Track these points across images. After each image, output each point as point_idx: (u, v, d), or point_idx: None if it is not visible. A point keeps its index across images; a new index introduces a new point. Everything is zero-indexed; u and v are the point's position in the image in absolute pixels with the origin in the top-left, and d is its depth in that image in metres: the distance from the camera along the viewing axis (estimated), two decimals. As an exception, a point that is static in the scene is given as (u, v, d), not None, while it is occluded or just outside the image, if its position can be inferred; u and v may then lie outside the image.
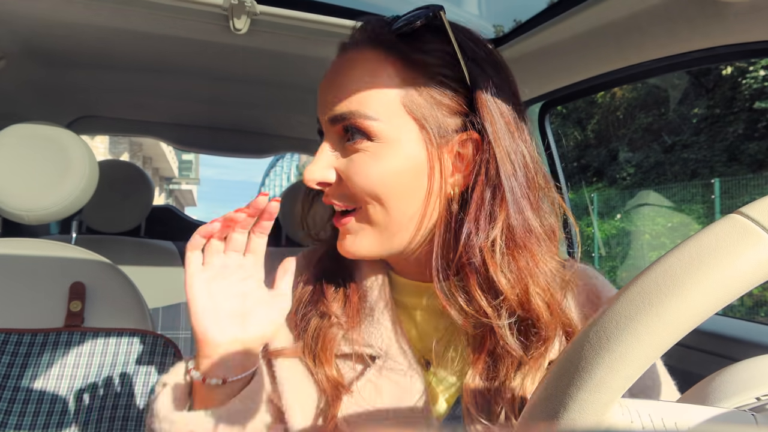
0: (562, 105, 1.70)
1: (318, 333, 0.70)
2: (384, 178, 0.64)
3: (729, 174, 8.89)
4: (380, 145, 0.64)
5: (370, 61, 0.66)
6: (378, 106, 0.64)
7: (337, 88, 0.67)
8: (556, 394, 0.39)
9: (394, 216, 0.66)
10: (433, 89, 0.65)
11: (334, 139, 0.68)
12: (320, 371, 0.68)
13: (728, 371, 0.58)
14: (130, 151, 14.49)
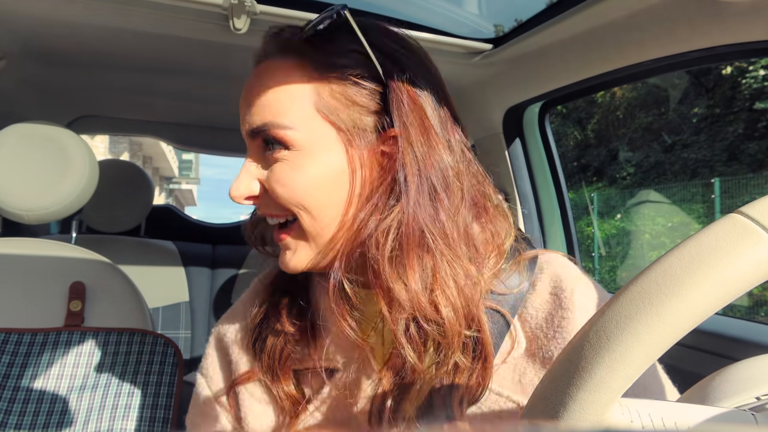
0: (562, 104, 1.70)
1: (274, 351, 0.70)
2: (306, 186, 0.63)
3: (729, 173, 8.89)
4: (299, 153, 0.63)
5: (280, 70, 0.65)
6: (292, 114, 0.63)
7: (252, 102, 0.67)
8: (555, 394, 0.39)
9: (324, 223, 0.64)
10: (348, 90, 0.63)
11: (255, 152, 0.68)
12: (278, 388, 0.68)
13: (728, 371, 0.58)
14: (130, 150, 14.48)
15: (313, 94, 0.63)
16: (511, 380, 0.64)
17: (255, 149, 0.68)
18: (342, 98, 0.63)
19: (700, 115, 10.32)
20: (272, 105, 0.64)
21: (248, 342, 0.74)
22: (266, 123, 0.64)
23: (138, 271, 1.94)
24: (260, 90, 0.66)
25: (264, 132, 0.64)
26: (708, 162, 9.69)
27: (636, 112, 11.53)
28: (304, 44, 0.66)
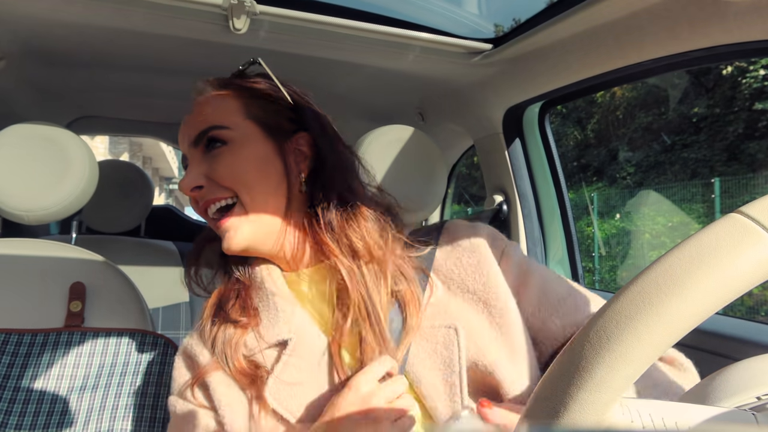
0: (562, 104, 1.70)
1: (225, 340, 0.82)
2: (243, 165, 0.82)
3: (729, 173, 8.89)
4: (235, 145, 0.83)
5: (216, 96, 0.88)
6: (228, 120, 0.84)
7: (196, 117, 0.86)
8: (556, 394, 0.39)
9: (261, 198, 0.82)
10: (265, 105, 0.87)
11: (197, 157, 0.85)
12: (235, 371, 0.79)
13: (728, 371, 0.58)
14: (130, 151, 14.48)
15: (242, 107, 0.86)
16: (440, 314, 0.82)
17: (197, 155, 0.85)
18: (262, 108, 0.87)
19: (700, 114, 10.32)
20: (213, 115, 0.85)
21: (205, 343, 0.85)
22: (209, 126, 0.84)
23: (138, 271, 1.94)
24: (202, 109, 0.87)
25: (207, 133, 0.84)
26: (708, 162, 9.69)
27: (636, 111, 11.53)
28: (233, 79, 0.91)
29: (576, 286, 0.89)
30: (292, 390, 0.76)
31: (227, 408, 0.78)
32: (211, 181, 0.83)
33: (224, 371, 0.81)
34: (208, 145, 0.84)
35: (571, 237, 1.73)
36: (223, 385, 0.80)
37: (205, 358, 0.84)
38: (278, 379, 0.77)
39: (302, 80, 1.70)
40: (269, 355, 0.80)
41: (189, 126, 0.87)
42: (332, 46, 1.35)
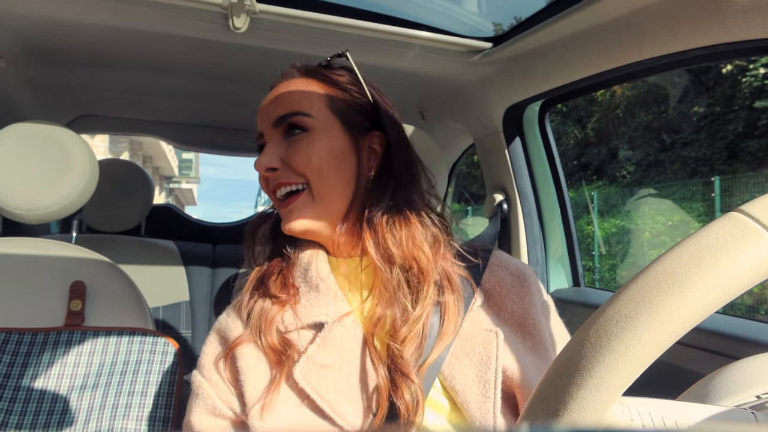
0: (562, 103, 1.70)
1: (261, 313, 0.83)
2: (320, 155, 0.84)
3: (729, 172, 8.89)
4: (315, 134, 0.85)
5: (300, 82, 0.90)
6: (310, 107, 0.86)
7: (279, 100, 0.88)
8: (556, 393, 0.39)
9: (330, 187, 0.85)
10: (347, 98, 0.90)
11: (276, 139, 0.88)
12: (266, 345, 0.80)
13: (728, 369, 0.58)
14: (130, 150, 14.48)
15: (324, 96, 0.88)
16: (480, 321, 0.84)
17: (276, 136, 0.88)
18: (344, 103, 0.89)
19: (700, 113, 10.32)
20: (297, 100, 0.87)
21: (240, 314, 0.87)
22: (293, 111, 0.86)
23: (138, 270, 1.94)
24: (287, 92, 0.88)
25: (290, 117, 0.86)
26: (708, 160, 9.69)
27: (636, 110, 11.53)
28: (320, 69, 0.92)
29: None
30: (322, 372, 0.77)
31: (251, 377, 0.79)
32: (287, 165, 0.85)
33: (256, 344, 0.82)
34: (288, 129, 0.86)
35: (571, 236, 1.73)
36: (253, 358, 0.81)
37: (237, 331, 0.85)
38: (310, 359, 0.78)
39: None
40: (304, 335, 0.82)
41: (271, 107, 0.89)
42: (332, 44, 1.35)
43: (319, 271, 0.86)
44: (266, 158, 0.86)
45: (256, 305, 0.85)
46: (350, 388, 0.77)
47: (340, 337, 0.80)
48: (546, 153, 1.71)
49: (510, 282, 0.90)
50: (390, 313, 0.81)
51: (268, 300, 0.84)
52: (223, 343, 0.87)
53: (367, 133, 0.89)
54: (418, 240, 0.84)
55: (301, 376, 0.76)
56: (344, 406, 0.75)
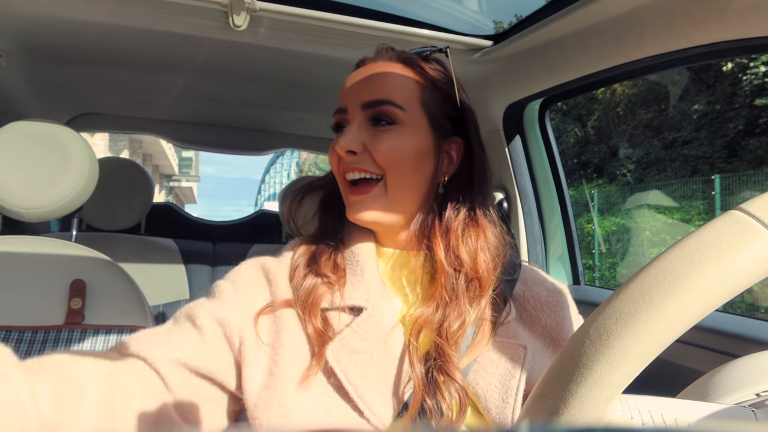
0: (562, 101, 1.70)
1: (310, 290, 0.82)
2: (403, 150, 0.82)
3: (729, 170, 8.89)
4: (403, 128, 0.83)
5: (398, 69, 0.86)
6: (403, 99, 0.83)
7: (374, 82, 0.85)
8: (556, 391, 0.39)
9: (404, 185, 0.84)
10: (438, 97, 0.87)
11: (362, 121, 0.84)
12: (308, 322, 0.79)
13: (728, 367, 0.58)
14: (130, 148, 14.48)
15: (418, 91, 0.85)
16: (510, 334, 0.85)
17: (362, 118, 0.84)
18: (435, 101, 0.86)
19: (701, 111, 10.31)
20: (392, 88, 0.84)
21: (290, 277, 0.86)
22: (386, 99, 0.83)
23: (138, 268, 1.94)
24: (382, 76, 0.85)
25: (381, 105, 0.83)
26: (708, 158, 9.68)
27: (636, 108, 11.53)
28: (419, 61, 0.88)
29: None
30: (353, 356, 0.77)
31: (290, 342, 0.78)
32: (368, 153, 0.83)
33: (298, 316, 0.81)
34: (376, 115, 0.83)
35: (571, 234, 1.73)
36: (296, 325, 0.80)
37: (284, 288, 0.84)
38: (344, 340, 0.78)
39: (302, 77, 1.70)
40: (343, 317, 0.81)
41: (365, 87, 0.85)
42: (332, 43, 1.35)
43: (366, 258, 0.86)
44: (349, 140, 0.82)
45: (306, 281, 0.84)
46: (379, 378, 0.77)
47: (376, 325, 0.80)
48: (546, 151, 1.71)
49: (545, 297, 0.90)
50: (442, 315, 0.81)
51: (318, 278, 0.84)
52: (266, 280, 0.86)
53: (448, 137, 0.88)
54: (486, 251, 0.85)
55: (332, 355, 0.76)
56: (370, 393, 0.75)
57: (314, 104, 2.01)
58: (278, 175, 45.47)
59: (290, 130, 2.45)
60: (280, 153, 27.56)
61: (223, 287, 0.83)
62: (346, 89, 0.87)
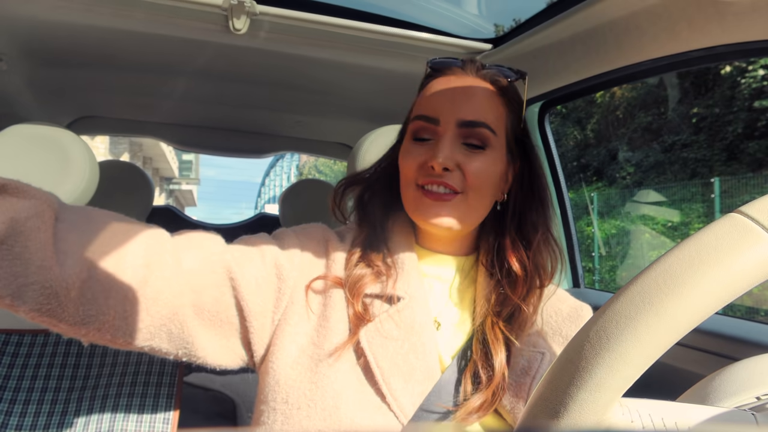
0: (561, 104, 1.70)
1: (360, 276, 0.86)
2: (489, 176, 0.85)
3: (728, 173, 8.89)
4: (492, 152, 0.85)
5: (491, 92, 0.87)
6: (495, 123, 0.86)
7: (475, 101, 0.85)
8: (556, 394, 0.39)
9: (480, 203, 0.87)
10: (516, 121, 0.90)
11: (454, 137, 0.84)
12: (351, 304, 0.83)
13: (728, 371, 0.58)
14: (130, 151, 14.48)
15: (505, 116, 0.88)
16: (531, 342, 0.88)
17: (456, 135, 0.85)
18: (512, 129, 0.90)
19: (700, 114, 10.32)
20: (488, 110, 0.86)
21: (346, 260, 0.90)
22: (484, 122, 0.84)
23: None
24: (481, 95, 0.86)
25: (478, 127, 0.84)
26: (707, 161, 9.69)
27: (635, 111, 11.53)
28: (508, 87, 0.90)
29: None
30: (386, 341, 0.81)
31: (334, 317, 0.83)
32: (458, 171, 0.84)
33: (345, 297, 0.85)
34: (469, 135, 0.84)
35: (571, 237, 1.73)
36: (341, 302, 0.85)
37: (338, 268, 0.88)
38: (378, 325, 0.82)
39: (302, 80, 1.70)
40: (382, 305, 0.85)
41: (463, 104, 0.85)
42: (332, 46, 1.35)
43: (408, 255, 0.90)
44: (448, 157, 0.83)
45: (358, 268, 0.87)
46: (407, 365, 0.80)
47: (411, 315, 0.84)
48: (546, 154, 1.71)
49: (567, 312, 0.94)
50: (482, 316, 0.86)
51: (369, 269, 0.87)
52: (325, 251, 0.91)
53: (516, 160, 0.91)
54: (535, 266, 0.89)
55: (365, 336, 0.80)
56: (395, 378, 0.78)
57: (314, 107, 2.01)
58: (278, 178, 45.47)
59: (290, 133, 2.45)
60: (280, 156, 27.52)
61: (290, 240, 0.89)
62: (440, 99, 0.87)
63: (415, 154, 0.86)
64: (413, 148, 0.86)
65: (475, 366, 0.83)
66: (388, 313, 0.83)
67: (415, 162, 0.85)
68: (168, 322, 0.76)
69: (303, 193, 2.35)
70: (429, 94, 0.88)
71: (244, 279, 0.81)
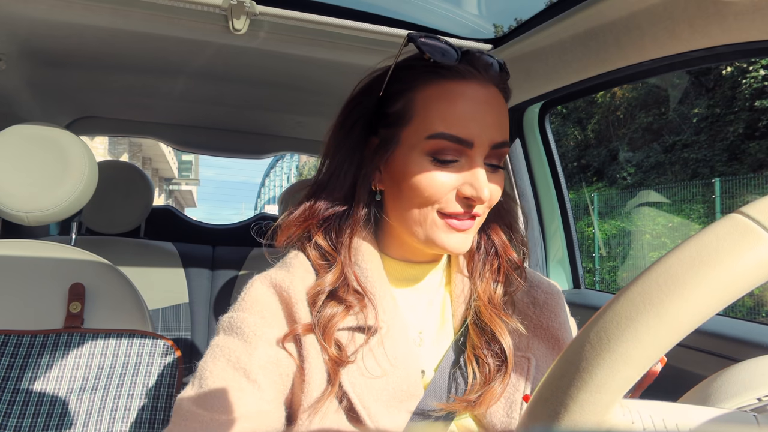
0: (562, 105, 1.70)
1: (330, 317, 0.78)
2: (500, 193, 0.82)
3: (729, 173, 8.90)
4: (505, 168, 0.83)
5: (503, 101, 0.82)
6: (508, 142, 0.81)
7: (501, 119, 0.79)
8: (556, 395, 0.39)
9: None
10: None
11: (481, 160, 0.77)
12: (326, 347, 0.76)
13: (729, 372, 0.58)
14: (130, 151, 14.49)
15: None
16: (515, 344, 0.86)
17: (483, 156, 0.77)
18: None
19: (701, 115, 10.32)
20: (507, 126, 0.80)
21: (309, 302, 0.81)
22: (507, 141, 0.79)
23: (138, 272, 1.94)
24: (502, 111, 0.80)
25: (504, 147, 0.79)
26: (708, 162, 9.70)
27: (636, 112, 11.54)
28: (508, 87, 0.86)
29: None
30: (370, 382, 0.76)
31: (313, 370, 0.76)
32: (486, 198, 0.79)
33: (318, 338, 0.78)
34: (497, 156, 0.79)
35: (571, 237, 1.73)
36: (315, 350, 0.77)
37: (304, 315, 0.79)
38: (360, 366, 0.77)
39: (301, 80, 1.70)
40: (357, 338, 0.79)
41: (495, 125, 0.78)
42: (332, 46, 1.35)
43: (377, 276, 0.83)
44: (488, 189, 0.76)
45: (326, 309, 0.79)
46: (391, 398, 0.77)
47: (393, 347, 0.79)
48: (546, 154, 1.70)
49: (543, 300, 0.91)
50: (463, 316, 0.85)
51: (338, 306, 0.79)
52: (286, 306, 0.81)
53: None
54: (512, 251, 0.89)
55: (347, 380, 0.75)
56: (381, 410, 0.75)
57: (314, 108, 2.01)
58: (278, 178, 45.52)
59: (290, 133, 2.45)
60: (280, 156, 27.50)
61: (250, 324, 0.78)
62: (472, 117, 0.76)
63: (442, 180, 0.76)
64: (436, 172, 0.76)
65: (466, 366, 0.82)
66: (369, 347, 0.78)
67: (443, 188, 0.76)
68: None
69: (302, 193, 2.34)
70: (453, 107, 0.76)
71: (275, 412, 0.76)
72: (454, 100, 0.76)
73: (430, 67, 0.78)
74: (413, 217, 0.79)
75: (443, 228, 0.78)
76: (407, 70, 0.81)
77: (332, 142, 0.86)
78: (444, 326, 0.87)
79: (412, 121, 0.78)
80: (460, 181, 0.76)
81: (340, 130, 0.86)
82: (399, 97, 0.81)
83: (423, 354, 0.83)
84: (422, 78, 0.79)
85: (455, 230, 0.78)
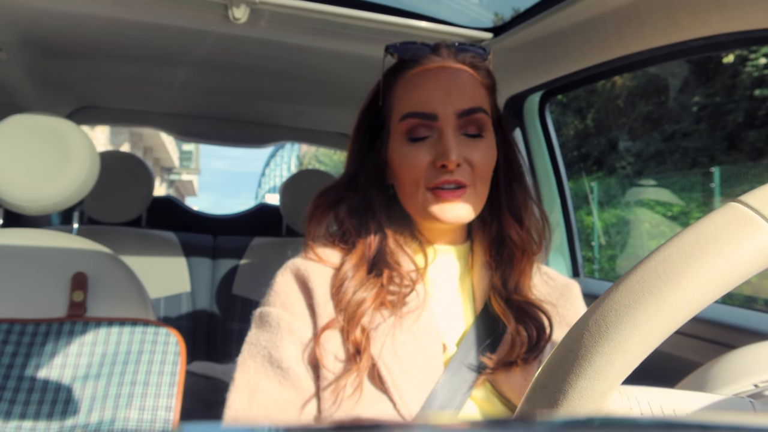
0: (562, 94, 1.70)
1: (355, 304, 0.81)
2: (491, 162, 0.85)
3: (729, 162, 8.87)
4: (488, 135, 0.85)
5: (474, 76, 0.87)
6: (487, 106, 0.86)
7: (465, 88, 0.84)
8: (555, 382, 0.39)
9: (485, 191, 0.86)
10: (495, 106, 0.91)
11: (455, 129, 0.82)
12: (351, 334, 0.79)
13: (726, 358, 0.58)
14: (131, 141, 14.46)
15: (490, 98, 0.89)
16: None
17: (455, 127, 0.82)
18: (494, 105, 0.91)
19: (700, 103, 10.28)
20: (480, 94, 0.85)
21: (332, 291, 0.84)
22: (480, 107, 0.83)
23: (139, 261, 1.95)
24: (469, 83, 0.85)
25: (477, 113, 0.83)
26: (708, 151, 9.67)
27: (636, 101, 11.49)
28: (482, 64, 0.89)
29: None
30: (394, 357, 0.79)
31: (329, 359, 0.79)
32: (468, 165, 0.83)
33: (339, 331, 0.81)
34: (469, 124, 0.83)
35: (570, 226, 1.73)
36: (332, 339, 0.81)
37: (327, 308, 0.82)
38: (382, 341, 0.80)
39: (302, 70, 1.70)
40: (385, 314, 0.82)
41: (457, 94, 0.82)
42: (332, 35, 1.34)
43: (408, 259, 0.87)
44: (457, 152, 0.80)
45: (356, 295, 0.82)
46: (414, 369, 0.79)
47: (415, 320, 0.82)
48: (546, 144, 1.70)
49: (559, 290, 0.95)
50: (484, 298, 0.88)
51: (369, 292, 0.82)
52: (307, 297, 0.84)
53: (498, 141, 0.90)
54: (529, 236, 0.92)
55: (373, 353, 0.78)
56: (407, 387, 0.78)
57: (315, 97, 2.01)
58: (278, 168, 45.39)
59: (291, 123, 2.45)
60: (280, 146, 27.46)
61: (279, 318, 0.82)
62: (431, 93, 0.83)
63: (417, 156, 0.82)
64: (411, 150, 0.82)
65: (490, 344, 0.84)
66: (393, 323, 0.81)
67: (419, 164, 0.82)
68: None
69: (303, 183, 2.35)
70: (415, 89, 0.84)
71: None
72: (419, 83, 0.84)
73: (404, 64, 0.89)
74: (412, 199, 0.85)
75: (434, 200, 0.82)
76: (390, 74, 0.91)
77: (348, 150, 0.96)
78: (466, 305, 0.90)
79: (392, 113, 0.87)
80: (433, 154, 0.82)
81: (354, 139, 0.95)
82: (385, 96, 0.89)
83: (445, 330, 0.86)
84: (397, 74, 0.88)
85: (444, 200, 0.82)
